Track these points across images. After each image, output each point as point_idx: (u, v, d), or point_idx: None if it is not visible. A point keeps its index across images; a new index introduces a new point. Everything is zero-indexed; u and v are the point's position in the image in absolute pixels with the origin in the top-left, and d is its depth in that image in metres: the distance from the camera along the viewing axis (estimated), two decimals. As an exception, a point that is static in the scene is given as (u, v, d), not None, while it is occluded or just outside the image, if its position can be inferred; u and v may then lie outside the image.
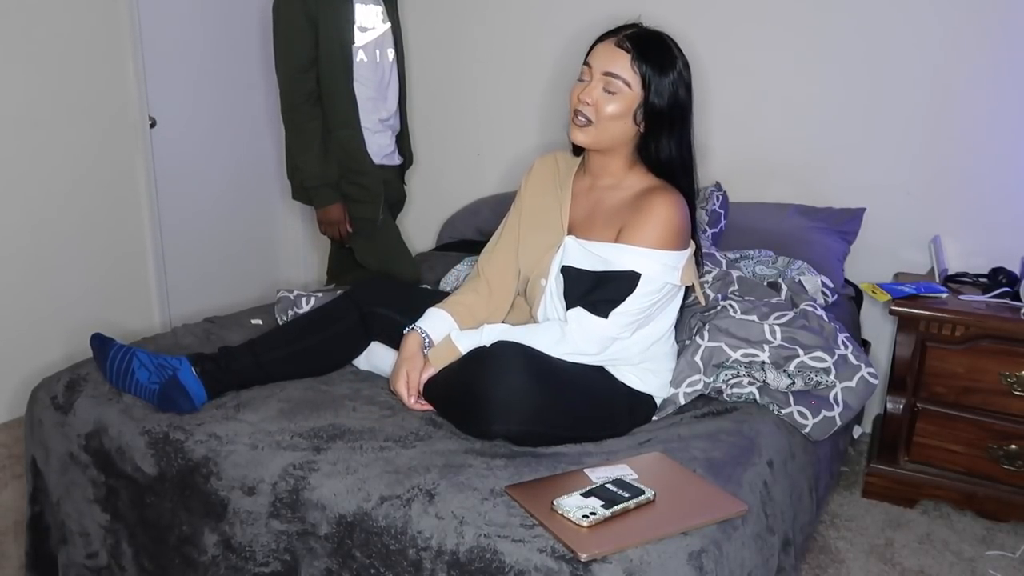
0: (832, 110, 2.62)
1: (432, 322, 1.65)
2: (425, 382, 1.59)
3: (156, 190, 3.09)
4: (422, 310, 1.68)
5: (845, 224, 2.57)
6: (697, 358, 1.68)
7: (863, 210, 2.59)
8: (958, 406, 2.15)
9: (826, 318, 1.84)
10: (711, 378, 1.68)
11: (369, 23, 2.39)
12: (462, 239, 2.95)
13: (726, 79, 2.72)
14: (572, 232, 1.65)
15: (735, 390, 1.68)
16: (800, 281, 2.15)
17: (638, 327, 1.58)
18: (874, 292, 2.26)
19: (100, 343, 1.60)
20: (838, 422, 1.71)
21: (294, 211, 3.62)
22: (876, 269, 2.61)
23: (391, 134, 2.56)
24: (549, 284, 1.64)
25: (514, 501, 1.24)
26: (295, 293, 2.03)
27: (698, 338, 1.71)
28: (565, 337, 1.54)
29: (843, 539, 2.06)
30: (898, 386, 2.23)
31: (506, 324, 1.65)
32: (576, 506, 1.19)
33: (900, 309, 2.17)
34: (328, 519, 1.29)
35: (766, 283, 2.08)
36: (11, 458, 2.42)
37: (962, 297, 2.23)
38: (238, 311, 2.14)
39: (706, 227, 2.50)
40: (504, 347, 1.50)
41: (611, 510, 1.19)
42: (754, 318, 1.75)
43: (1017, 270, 2.33)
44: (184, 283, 3.29)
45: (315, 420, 1.52)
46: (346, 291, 1.79)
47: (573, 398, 1.51)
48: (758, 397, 1.67)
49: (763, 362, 1.68)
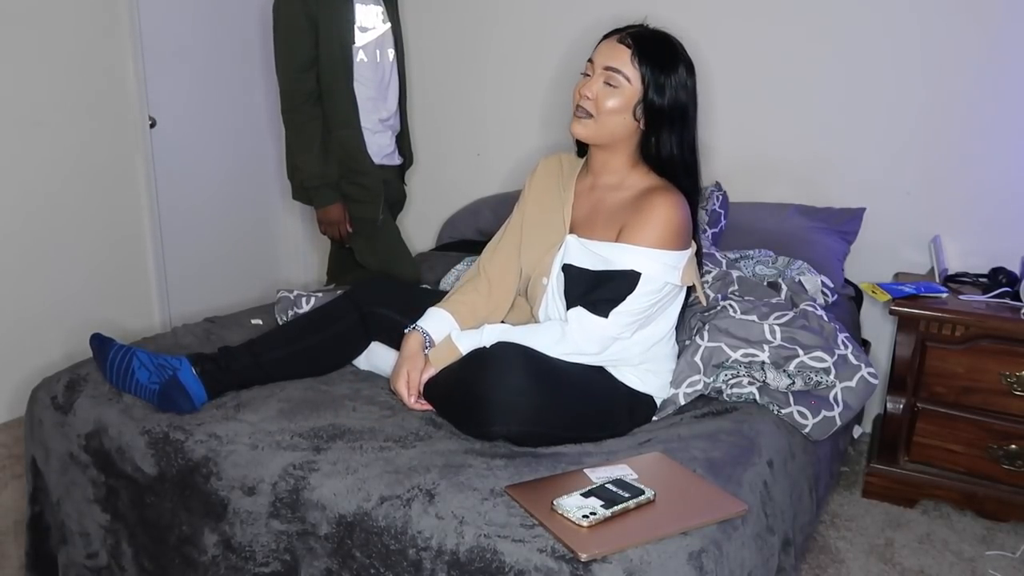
0: (832, 110, 2.62)
1: (433, 322, 1.65)
2: (425, 382, 1.59)
3: (156, 190, 3.09)
4: (422, 310, 1.68)
5: (845, 224, 2.57)
6: (697, 358, 1.68)
7: (863, 210, 2.59)
8: (958, 406, 2.15)
9: (826, 318, 1.84)
10: (711, 378, 1.68)
11: (369, 23, 2.39)
12: (462, 239, 2.96)
13: (726, 79, 2.72)
14: (574, 231, 1.65)
15: (735, 390, 1.68)
16: (800, 281, 2.15)
17: (639, 327, 1.58)
18: (874, 292, 2.26)
19: (100, 343, 1.60)
20: (838, 422, 1.71)
21: (294, 211, 3.62)
22: (876, 269, 2.61)
23: (391, 134, 2.56)
24: (550, 283, 1.64)
25: (514, 501, 1.24)
26: (295, 293, 2.03)
27: (698, 338, 1.71)
28: (565, 337, 1.54)
29: (843, 539, 2.06)
30: (898, 386, 2.23)
31: (506, 324, 1.65)
32: (576, 506, 1.19)
33: (900, 309, 2.17)
34: (328, 519, 1.29)
35: (766, 283, 2.08)
36: (11, 458, 2.42)
37: (962, 297, 2.23)
38: (238, 311, 2.14)
39: (706, 227, 2.50)
40: (504, 348, 1.50)
41: (611, 510, 1.19)
42: (754, 318, 1.75)
43: (1017, 270, 2.33)
44: (184, 283, 3.29)
45: (315, 420, 1.52)
46: (346, 291, 1.79)
47: (573, 399, 1.51)
48: (758, 397, 1.67)
49: (763, 362, 1.68)
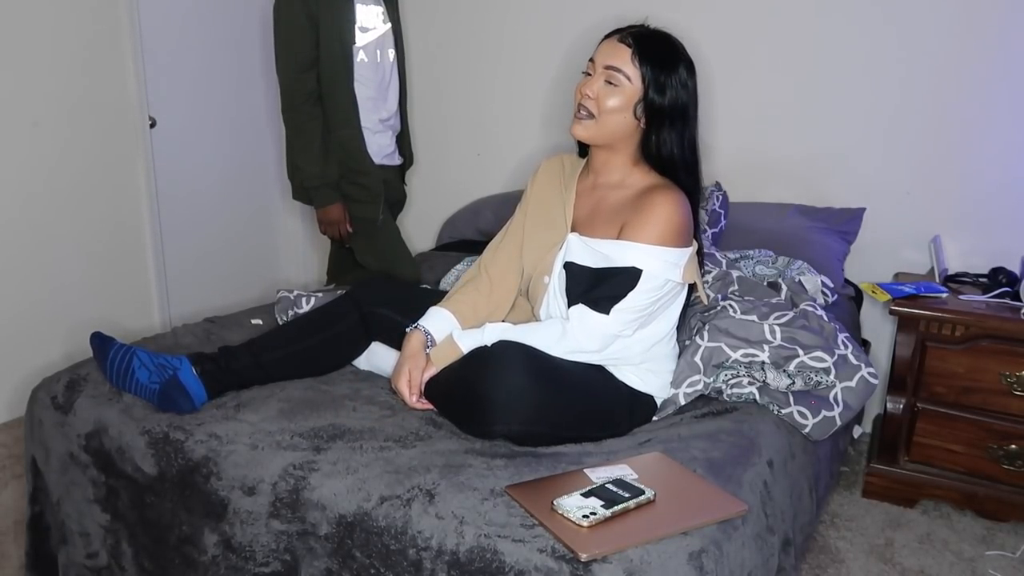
0: (832, 110, 2.62)
1: (434, 321, 1.65)
2: (426, 381, 1.59)
3: (156, 190, 3.09)
4: (423, 310, 1.68)
5: (845, 224, 2.57)
6: (697, 358, 1.68)
7: (863, 210, 2.59)
8: (958, 406, 2.15)
9: (826, 318, 1.84)
10: (711, 378, 1.68)
11: (370, 23, 2.39)
12: (462, 239, 2.96)
13: (727, 79, 2.72)
14: (575, 230, 1.66)
15: (735, 390, 1.68)
16: (800, 281, 2.15)
17: (640, 325, 1.58)
18: (874, 292, 2.26)
19: (100, 342, 1.60)
20: (838, 422, 1.71)
21: (294, 211, 3.62)
22: (876, 269, 2.61)
23: (391, 134, 2.56)
24: (552, 282, 1.64)
25: (514, 501, 1.24)
26: (295, 293, 2.03)
27: (698, 338, 1.71)
28: (566, 334, 1.55)
29: (843, 539, 2.06)
30: (898, 386, 2.23)
31: (507, 323, 1.65)
32: (576, 506, 1.19)
33: (900, 309, 2.17)
34: (328, 519, 1.29)
35: (766, 283, 2.08)
36: (11, 458, 2.42)
37: (962, 297, 2.23)
38: (238, 311, 2.14)
39: (706, 227, 2.50)
40: (505, 347, 1.51)
41: (611, 510, 1.19)
42: (754, 318, 1.75)
43: (1017, 270, 2.33)
44: (184, 283, 3.29)
45: (315, 420, 1.52)
46: (346, 291, 1.79)
47: (574, 398, 1.51)
48: (758, 397, 1.67)
49: (763, 362, 1.68)
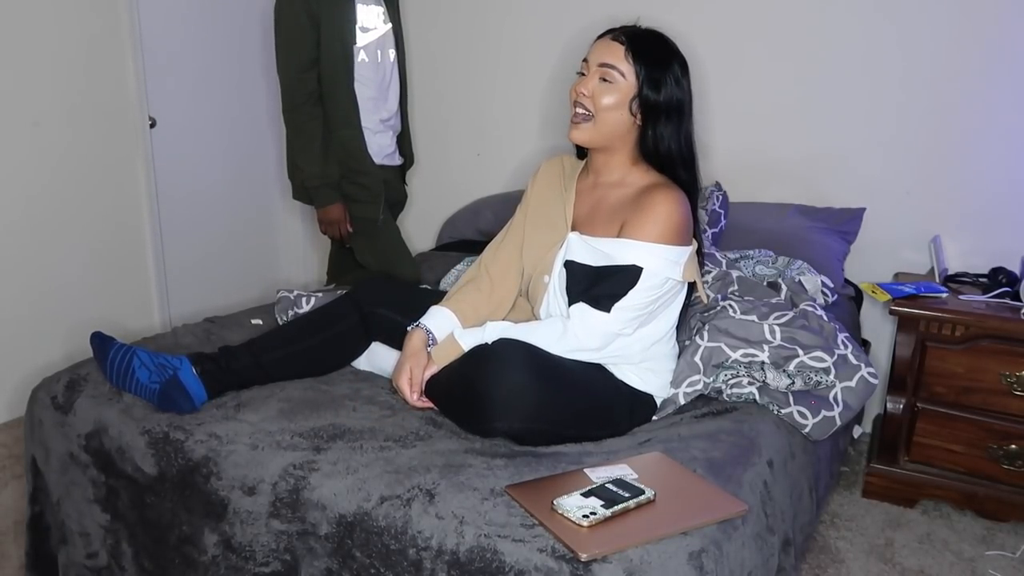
0: (832, 110, 2.62)
1: (435, 320, 1.66)
2: (427, 380, 1.59)
3: (156, 190, 3.09)
4: (423, 310, 1.69)
5: (845, 224, 2.57)
6: (697, 358, 1.68)
7: (863, 210, 2.59)
8: (958, 406, 2.15)
9: (826, 318, 1.84)
10: (711, 378, 1.68)
11: (371, 23, 2.39)
12: (462, 239, 2.95)
13: (726, 79, 2.72)
14: (576, 229, 1.66)
15: (735, 390, 1.68)
16: (800, 281, 2.15)
17: (640, 324, 1.58)
18: (874, 292, 2.26)
19: (100, 342, 1.60)
20: (838, 422, 1.71)
21: (294, 211, 3.62)
22: (876, 269, 2.61)
23: (392, 134, 2.56)
24: (552, 281, 1.65)
25: (514, 501, 1.24)
26: (295, 293, 2.03)
27: (698, 338, 1.71)
28: (567, 333, 1.55)
29: (843, 539, 2.06)
30: (898, 386, 2.23)
31: (508, 321, 1.65)
32: (576, 506, 1.19)
33: (900, 309, 2.17)
34: (328, 519, 1.29)
35: (766, 283, 2.08)
36: (11, 458, 2.42)
37: (962, 297, 2.23)
38: (238, 311, 2.14)
39: (706, 227, 2.50)
40: (505, 345, 1.51)
41: (611, 510, 1.19)
42: (754, 318, 1.75)
43: (1017, 270, 2.33)
44: (184, 283, 3.29)
45: (315, 420, 1.52)
46: (347, 291, 1.79)
47: (574, 396, 1.51)
48: (758, 397, 1.67)
49: (763, 362, 1.68)
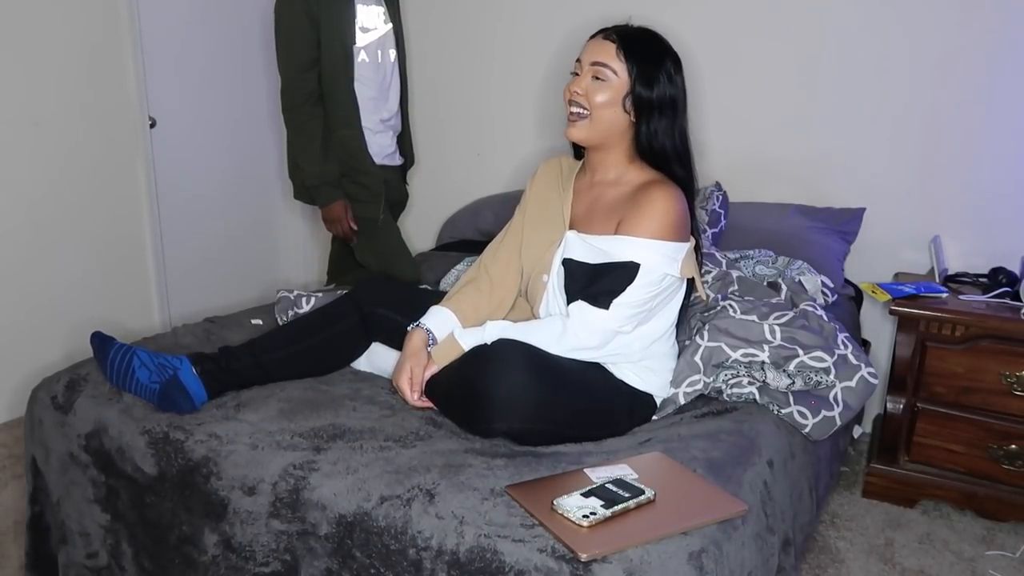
0: (832, 110, 2.62)
1: (436, 320, 1.66)
2: (427, 380, 1.59)
3: (156, 190, 3.09)
4: (423, 311, 1.69)
5: (845, 224, 2.57)
6: (697, 358, 1.68)
7: (863, 210, 2.59)
8: (958, 406, 2.15)
9: (826, 318, 1.84)
10: (711, 378, 1.68)
11: (371, 24, 2.39)
12: (462, 239, 2.96)
13: (726, 79, 2.72)
14: (574, 227, 1.67)
15: (735, 390, 1.68)
16: (800, 281, 2.15)
17: (639, 322, 1.58)
18: (874, 292, 2.26)
19: (100, 342, 1.60)
20: (838, 422, 1.71)
21: (294, 211, 3.62)
22: (876, 269, 2.61)
23: (392, 134, 2.56)
24: (551, 280, 1.65)
25: (514, 501, 1.24)
26: (295, 293, 2.03)
27: (698, 338, 1.71)
28: (566, 331, 1.55)
29: (843, 539, 2.06)
30: (898, 386, 2.23)
31: (508, 321, 1.65)
32: (576, 506, 1.19)
33: (900, 309, 2.17)
34: (328, 519, 1.29)
35: (766, 283, 2.08)
36: (11, 458, 2.42)
37: (962, 297, 2.23)
38: (238, 311, 2.14)
39: (706, 227, 2.50)
40: (505, 345, 1.51)
41: (611, 510, 1.19)
42: (754, 318, 1.75)
43: (1017, 270, 2.33)
44: (184, 283, 3.29)
45: (315, 420, 1.52)
46: (347, 292, 1.79)
47: (574, 396, 1.52)
48: (758, 397, 1.67)
49: (763, 362, 1.68)
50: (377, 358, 1.77)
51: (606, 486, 1.25)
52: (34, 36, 2.66)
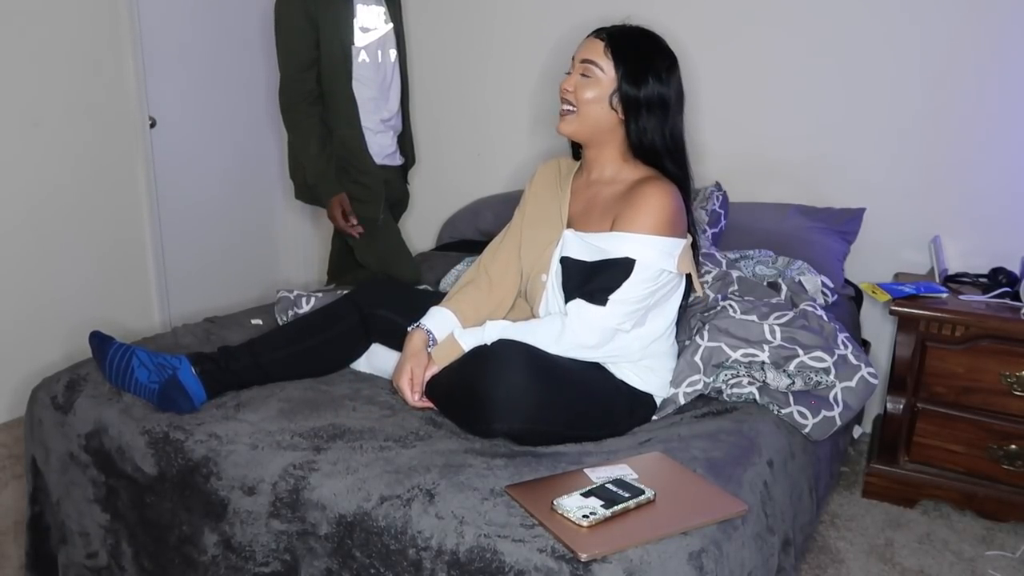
0: (832, 110, 2.62)
1: (436, 320, 1.66)
2: (427, 380, 1.59)
3: (156, 190, 3.09)
4: (423, 312, 1.69)
5: (845, 224, 2.57)
6: (697, 358, 1.68)
7: (863, 210, 2.59)
8: (958, 406, 2.15)
9: (826, 318, 1.84)
10: (711, 378, 1.68)
11: (371, 24, 2.39)
12: (462, 239, 2.96)
13: (726, 79, 2.72)
14: (571, 226, 1.67)
15: (735, 390, 1.68)
16: (800, 281, 2.15)
17: (638, 320, 1.58)
18: (874, 292, 2.26)
19: (99, 341, 1.60)
20: (838, 422, 1.71)
21: (294, 211, 3.62)
22: (876, 269, 2.61)
23: (393, 134, 2.56)
24: (549, 279, 1.66)
25: (514, 501, 1.24)
26: (295, 293, 2.03)
27: (698, 338, 1.71)
28: (565, 330, 1.55)
29: (843, 539, 2.06)
30: (898, 386, 2.23)
31: (507, 320, 1.65)
32: (576, 506, 1.19)
33: (900, 309, 2.17)
34: (328, 519, 1.29)
35: (766, 283, 2.08)
36: (11, 458, 2.42)
37: (962, 297, 2.23)
38: (238, 311, 2.14)
39: (706, 227, 2.50)
40: (505, 345, 1.51)
41: (611, 510, 1.19)
42: (754, 318, 1.75)
43: (1017, 270, 2.33)
44: (184, 283, 3.29)
45: (315, 420, 1.52)
46: (347, 292, 1.79)
47: (574, 396, 1.52)
48: (758, 397, 1.67)
49: (763, 362, 1.68)
50: (377, 359, 1.77)
51: (606, 486, 1.25)
52: (34, 36, 2.66)
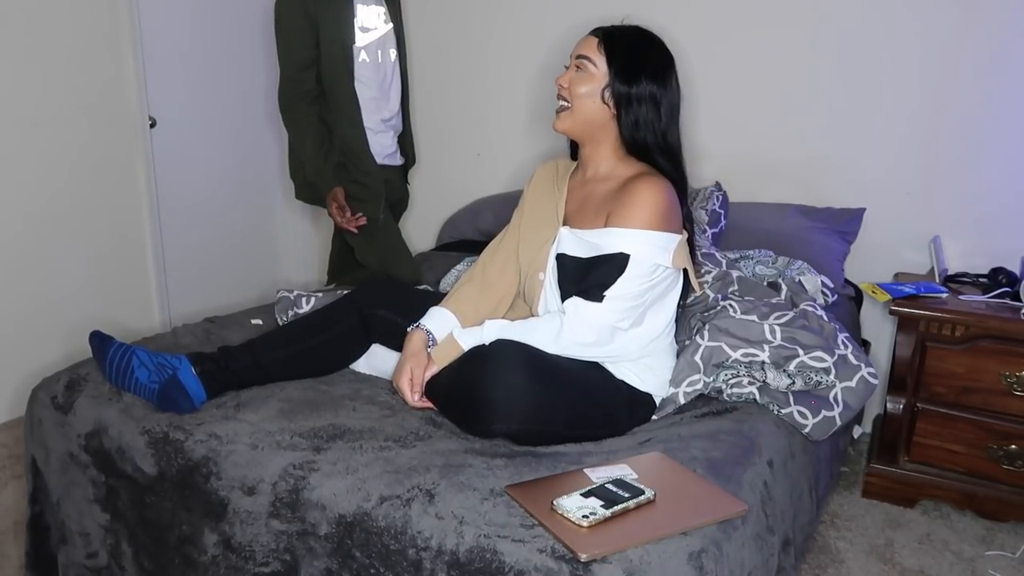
0: (832, 110, 2.62)
1: (435, 320, 1.66)
2: (427, 380, 1.59)
3: (156, 190, 3.09)
4: (423, 312, 1.69)
5: (845, 224, 2.57)
6: (697, 358, 1.68)
7: (863, 210, 2.59)
8: (958, 406, 2.15)
9: (826, 318, 1.84)
10: (711, 378, 1.68)
11: (371, 24, 2.39)
12: (462, 239, 2.96)
13: (725, 79, 2.72)
14: (567, 224, 1.68)
15: (735, 390, 1.68)
16: (800, 281, 2.15)
17: (636, 318, 1.58)
18: (874, 292, 2.26)
19: (100, 341, 1.60)
20: (838, 422, 1.71)
21: (294, 211, 3.62)
22: (876, 269, 2.61)
23: (393, 134, 2.56)
24: (547, 277, 1.66)
25: (514, 501, 1.24)
26: (295, 293, 2.03)
27: (698, 338, 1.71)
28: (563, 328, 1.55)
29: (843, 539, 2.06)
30: (898, 386, 2.23)
31: (506, 320, 1.65)
32: (576, 506, 1.19)
33: (900, 309, 2.17)
34: (328, 519, 1.29)
35: (766, 283, 2.08)
36: (11, 458, 2.42)
37: (962, 297, 2.23)
38: (238, 311, 2.14)
39: (706, 227, 2.50)
40: (504, 345, 1.51)
41: (611, 510, 1.19)
42: (754, 318, 1.75)
43: (1017, 270, 2.33)
44: (184, 283, 3.29)
45: (315, 420, 1.52)
46: (347, 293, 1.79)
47: (573, 396, 1.52)
48: (758, 397, 1.67)
49: (763, 362, 1.68)
50: (376, 359, 1.77)
51: (606, 486, 1.25)
52: (34, 36, 2.66)
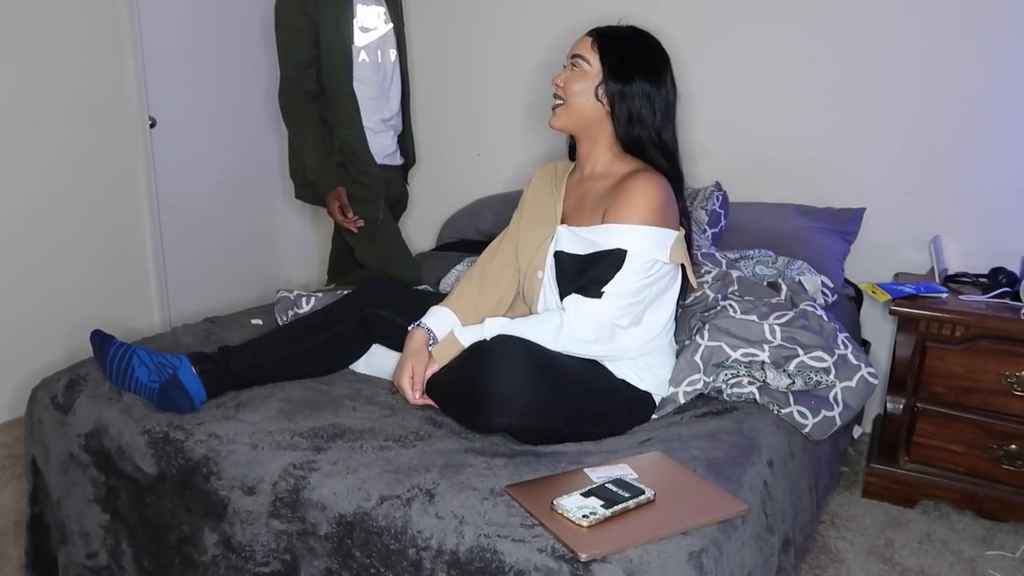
0: (832, 110, 2.62)
1: (436, 319, 1.67)
2: (428, 379, 1.59)
3: (156, 190, 3.09)
4: (423, 312, 1.70)
5: (845, 224, 2.57)
6: (697, 358, 1.68)
7: (863, 210, 2.59)
8: (958, 406, 2.15)
9: (826, 318, 1.84)
10: (711, 378, 1.68)
11: (371, 24, 2.39)
12: (462, 239, 2.96)
13: (725, 79, 2.72)
14: (565, 222, 1.69)
15: (735, 390, 1.68)
16: (800, 281, 2.15)
17: (635, 316, 1.58)
18: (874, 292, 2.26)
19: (100, 340, 1.60)
20: (838, 422, 1.71)
21: (294, 211, 3.62)
22: (876, 269, 2.61)
23: (393, 134, 2.56)
24: (546, 275, 1.67)
25: (514, 501, 1.24)
26: (295, 293, 2.03)
27: (698, 338, 1.71)
28: (563, 325, 1.55)
29: (843, 539, 2.06)
30: (898, 386, 2.23)
31: (506, 317, 1.65)
32: (576, 506, 1.19)
33: (900, 309, 2.17)
34: (328, 519, 1.29)
35: (766, 283, 2.08)
36: (11, 458, 2.42)
37: (962, 297, 2.23)
38: (238, 311, 2.14)
39: (706, 227, 2.50)
40: (504, 341, 1.51)
41: (611, 510, 1.19)
42: (754, 318, 1.75)
43: (1017, 270, 2.33)
44: (184, 283, 3.29)
45: (315, 420, 1.52)
46: (347, 293, 1.79)
47: (573, 392, 1.52)
48: (758, 397, 1.67)
49: (763, 362, 1.68)
50: (376, 360, 1.77)
51: (606, 486, 1.25)
52: (34, 36, 2.66)
